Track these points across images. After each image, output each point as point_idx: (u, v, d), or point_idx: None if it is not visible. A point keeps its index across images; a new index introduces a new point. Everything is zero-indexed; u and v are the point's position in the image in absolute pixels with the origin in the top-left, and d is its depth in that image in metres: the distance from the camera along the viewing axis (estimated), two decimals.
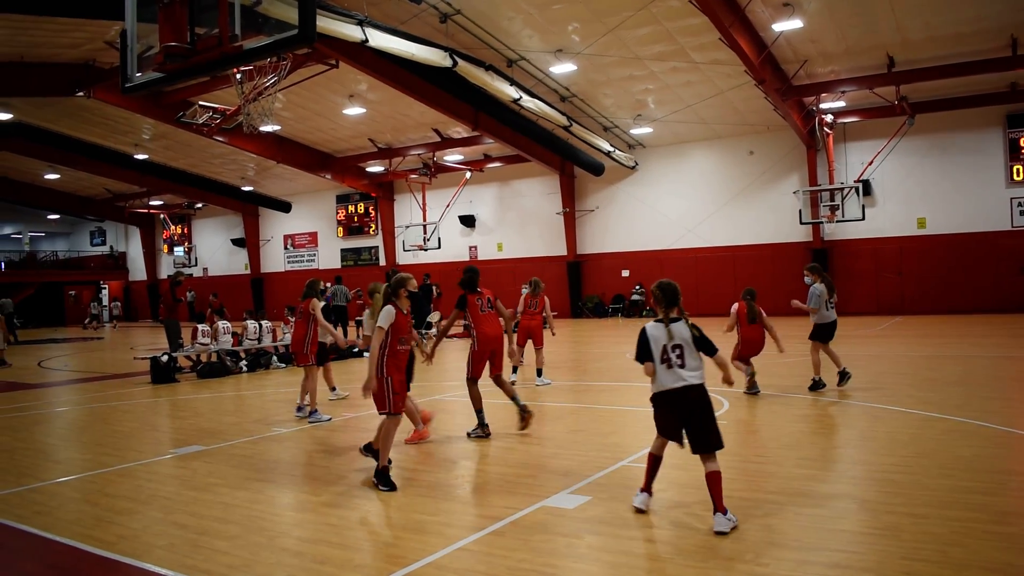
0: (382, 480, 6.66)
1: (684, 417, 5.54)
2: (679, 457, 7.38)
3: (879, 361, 14.73)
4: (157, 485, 7.20)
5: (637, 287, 32.96)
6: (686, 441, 5.61)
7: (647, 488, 5.80)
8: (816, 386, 11.03)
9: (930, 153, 27.42)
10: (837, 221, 26.26)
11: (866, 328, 22.40)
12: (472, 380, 8.73)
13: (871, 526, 5.32)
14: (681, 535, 5.25)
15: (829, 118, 26.30)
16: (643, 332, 5.65)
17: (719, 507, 5.30)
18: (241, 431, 9.70)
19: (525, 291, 13.33)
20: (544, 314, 13.21)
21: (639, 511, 5.70)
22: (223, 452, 8.54)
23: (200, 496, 6.70)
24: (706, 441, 5.48)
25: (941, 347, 16.86)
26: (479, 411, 8.76)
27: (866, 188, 27.09)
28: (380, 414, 6.85)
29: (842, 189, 25.94)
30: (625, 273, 33.46)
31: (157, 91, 22.63)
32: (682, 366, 5.50)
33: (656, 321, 5.65)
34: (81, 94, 24.90)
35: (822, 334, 11.33)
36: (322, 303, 11.33)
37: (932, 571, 4.47)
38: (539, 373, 12.86)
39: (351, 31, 16.49)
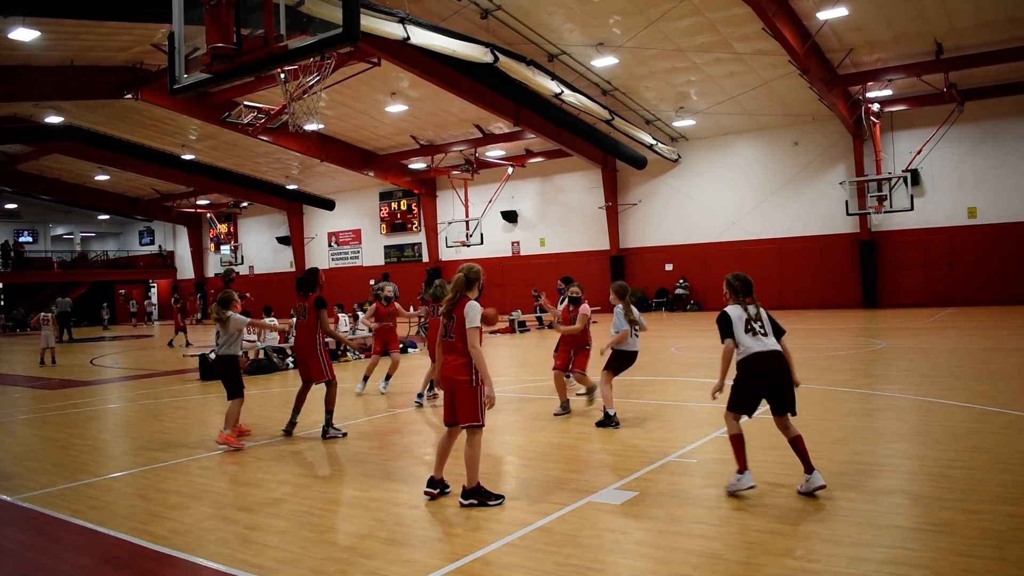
0: (482, 495, 6.02)
1: (768, 382, 6.03)
2: (728, 453, 7.31)
3: (931, 354, 14.42)
4: (208, 480, 7.31)
5: (681, 280, 32.70)
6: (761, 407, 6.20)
7: (745, 466, 6.02)
8: (606, 422, 8.90)
9: (981, 141, 26.78)
10: (885, 212, 25.78)
11: (916, 320, 21.97)
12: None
13: (926, 522, 5.21)
14: (731, 531, 5.19)
15: (876, 107, 25.82)
16: (724, 313, 6.24)
17: (809, 467, 5.84)
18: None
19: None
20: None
21: (751, 488, 5.96)
22: (271, 448, 8.65)
23: (250, 491, 6.79)
24: (786, 403, 6.03)
25: (995, 339, 16.46)
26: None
27: (915, 178, 26.57)
28: (470, 427, 6.09)
29: (890, 179, 25.45)
30: (669, 267, 33.23)
31: (203, 92, 22.96)
32: (765, 335, 6.12)
33: (735, 305, 6.28)
34: (129, 96, 25.36)
35: (618, 363, 9.28)
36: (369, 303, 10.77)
37: (990, 567, 4.37)
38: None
39: (393, 29, 16.55)
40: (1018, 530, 4.92)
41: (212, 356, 15.78)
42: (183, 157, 35.96)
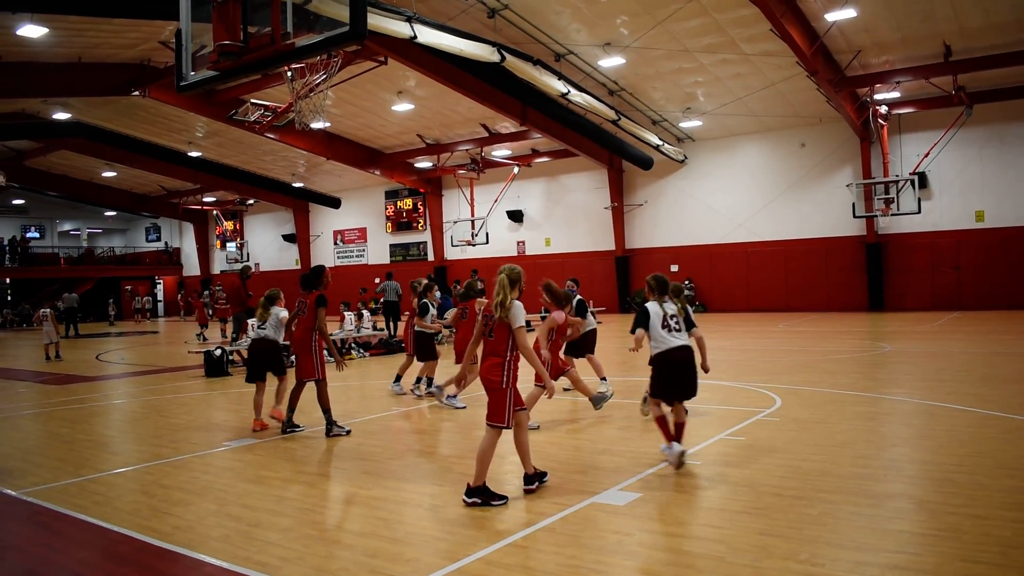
0: (486, 494, 6.06)
1: (678, 372, 6.89)
2: (733, 456, 7.30)
3: (936, 358, 14.38)
4: (211, 477, 7.32)
5: (687, 282, 32.68)
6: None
7: (672, 439, 6.85)
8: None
9: (989, 144, 26.69)
10: (892, 214, 25.69)
11: (922, 324, 21.91)
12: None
13: (930, 527, 5.19)
14: (735, 533, 5.18)
15: (883, 109, 25.74)
16: (644, 308, 7.08)
17: (678, 440, 6.84)
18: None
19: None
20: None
21: (683, 456, 6.74)
22: (275, 445, 8.66)
23: (253, 488, 6.80)
24: (687, 393, 6.96)
25: (1001, 344, 16.41)
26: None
27: (922, 180, 26.48)
28: (493, 426, 6.15)
29: (897, 182, 25.36)
30: (674, 268, 33.16)
31: (210, 89, 22.94)
32: (679, 330, 6.99)
33: (654, 302, 7.08)
34: (137, 93, 25.43)
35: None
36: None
37: (993, 573, 4.35)
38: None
39: (400, 28, 16.56)
40: (1022, 536, 4.90)
41: (217, 353, 15.79)
42: (190, 154, 36.01)
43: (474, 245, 34.60)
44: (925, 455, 7.22)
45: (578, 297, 10.65)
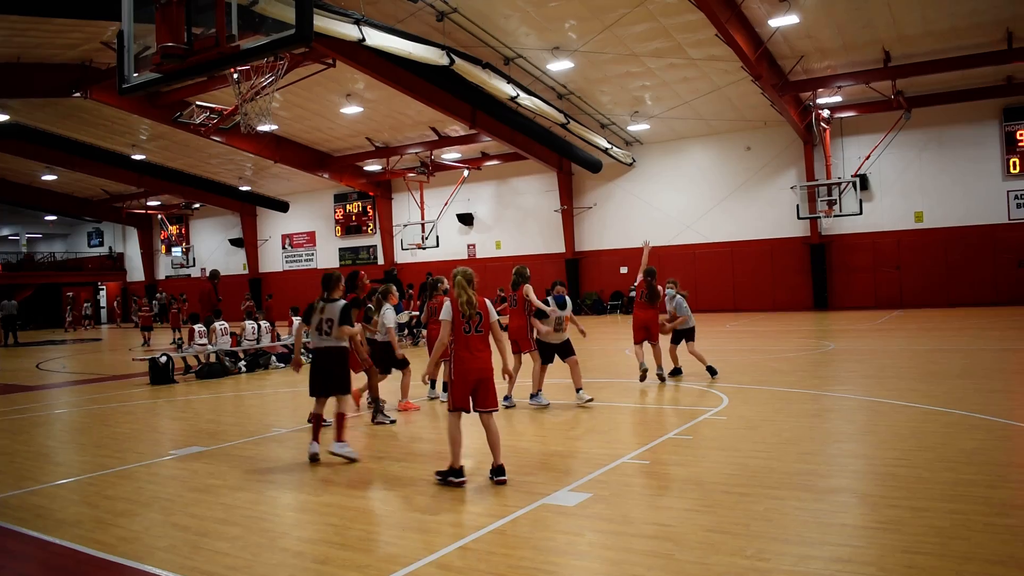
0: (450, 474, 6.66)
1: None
2: (681, 455, 7.39)
3: (879, 355, 14.72)
4: (157, 487, 7.19)
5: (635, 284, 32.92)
6: None
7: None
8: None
9: (927, 147, 27.43)
10: (835, 216, 26.31)
11: (865, 322, 22.41)
12: None
13: (873, 520, 5.32)
14: (683, 531, 5.24)
15: (826, 113, 26.33)
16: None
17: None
18: (241, 432, 9.69)
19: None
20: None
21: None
22: (223, 453, 8.54)
23: (201, 497, 6.69)
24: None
25: (941, 340, 16.86)
26: None
27: (863, 182, 27.14)
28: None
29: (839, 184, 25.97)
30: (623, 270, 33.44)
31: (154, 91, 22.59)
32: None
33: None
34: (78, 95, 24.87)
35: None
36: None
37: (934, 564, 4.47)
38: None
39: (348, 30, 16.46)
40: (960, 527, 5.04)
41: (163, 360, 15.51)
42: (134, 157, 35.32)
43: (424, 248, 34.55)
44: (868, 450, 7.39)
45: (554, 297, 10.69)
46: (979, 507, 5.41)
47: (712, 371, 12.15)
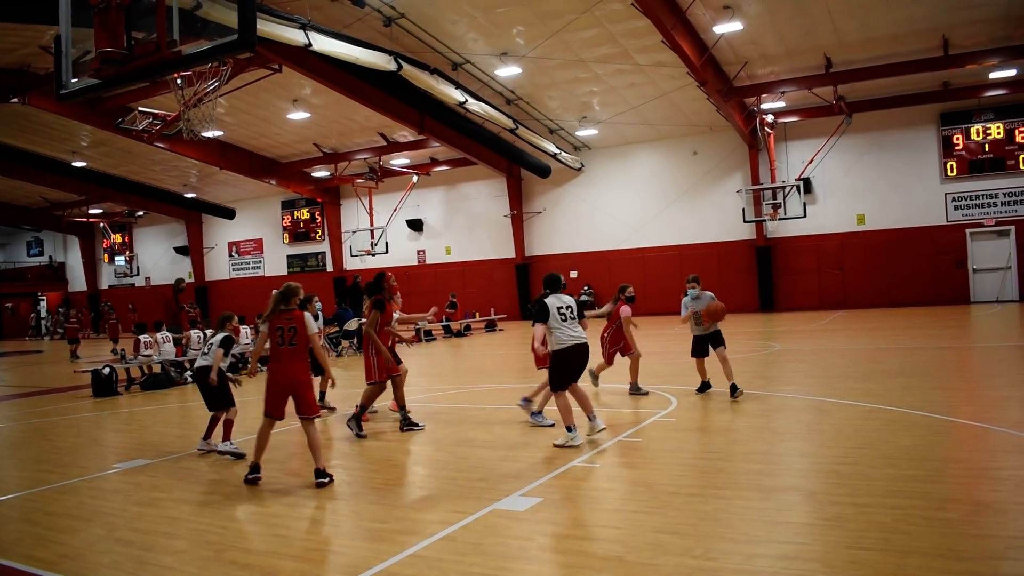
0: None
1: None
2: (630, 457, 7.45)
3: (823, 355, 15.01)
4: (100, 501, 7.03)
5: (586, 288, 33.11)
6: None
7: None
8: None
9: (868, 151, 28.05)
10: (779, 219, 26.76)
11: (810, 323, 22.82)
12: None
13: (817, 517, 5.42)
14: (632, 533, 5.28)
15: (770, 118, 26.80)
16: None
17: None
18: (187, 443, 9.52)
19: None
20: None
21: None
22: (168, 465, 8.38)
23: (145, 511, 6.56)
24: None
25: (883, 340, 17.25)
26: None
27: (807, 186, 27.65)
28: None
29: (784, 187, 26.43)
30: (573, 274, 33.60)
31: (95, 97, 22.16)
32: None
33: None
34: (15, 100, 24.20)
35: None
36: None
37: (876, 559, 4.57)
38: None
39: (294, 35, 16.32)
40: (901, 521, 5.16)
41: (105, 371, 15.18)
42: (74, 164, 34.50)
43: (374, 255, 34.31)
44: (813, 448, 7.53)
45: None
46: (919, 502, 5.54)
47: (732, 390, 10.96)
